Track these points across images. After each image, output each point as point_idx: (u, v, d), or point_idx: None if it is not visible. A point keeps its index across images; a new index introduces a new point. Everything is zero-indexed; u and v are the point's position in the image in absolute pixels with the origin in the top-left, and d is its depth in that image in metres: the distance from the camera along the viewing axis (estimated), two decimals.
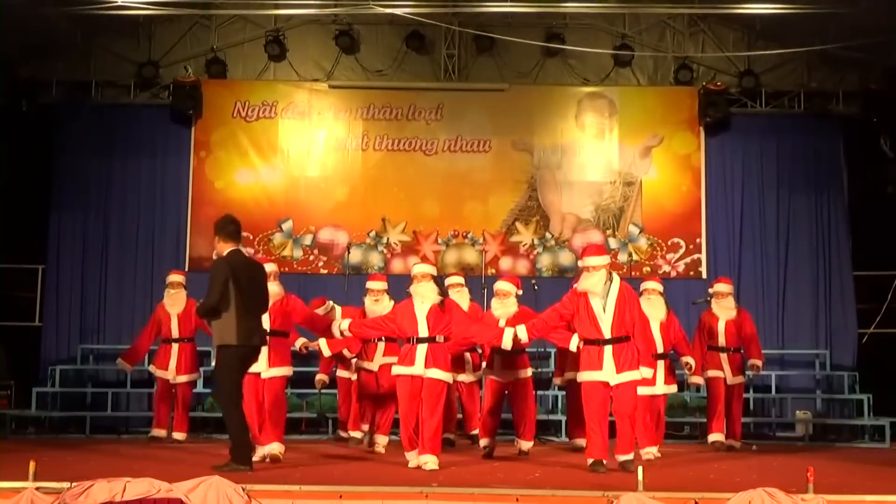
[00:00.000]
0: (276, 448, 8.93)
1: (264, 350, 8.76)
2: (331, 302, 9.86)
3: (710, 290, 11.20)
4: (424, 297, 8.72)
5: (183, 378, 11.39)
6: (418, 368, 8.61)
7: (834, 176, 14.30)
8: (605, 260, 8.67)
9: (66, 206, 14.19)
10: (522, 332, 8.70)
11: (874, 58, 12.92)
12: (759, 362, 11.03)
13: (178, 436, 11.27)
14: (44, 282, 14.08)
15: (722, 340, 10.91)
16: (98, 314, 13.92)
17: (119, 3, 12.18)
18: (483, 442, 9.70)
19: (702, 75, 14.06)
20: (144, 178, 14.30)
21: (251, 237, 14.11)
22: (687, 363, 10.42)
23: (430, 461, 8.46)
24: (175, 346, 11.40)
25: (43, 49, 13.38)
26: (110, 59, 14.08)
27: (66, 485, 6.79)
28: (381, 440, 10.00)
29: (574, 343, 8.58)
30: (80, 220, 14.18)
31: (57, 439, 11.98)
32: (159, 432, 11.34)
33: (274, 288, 9.12)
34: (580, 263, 8.99)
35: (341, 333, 9.13)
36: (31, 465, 6.90)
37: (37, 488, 6.81)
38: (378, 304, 10.00)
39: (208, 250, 13.86)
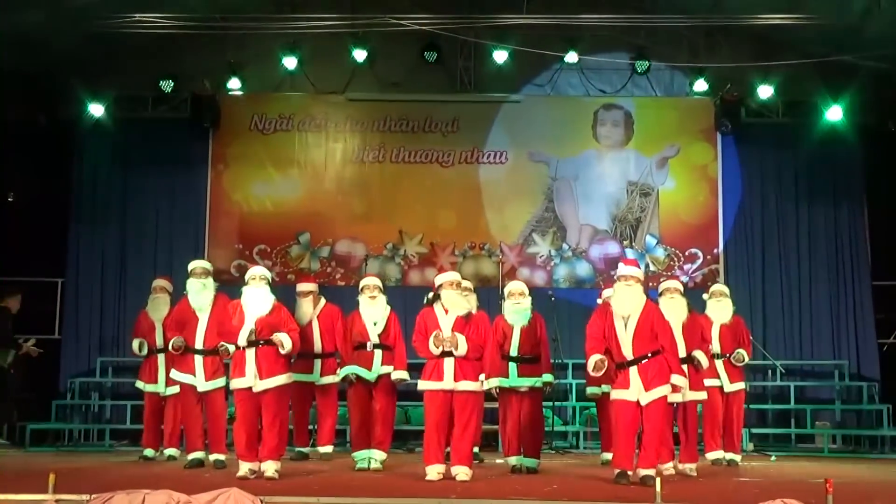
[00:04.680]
0: (270, 467, 8.47)
1: (251, 363, 8.59)
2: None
3: (705, 295, 10.50)
4: (450, 305, 8.68)
5: (172, 390, 10.30)
6: (448, 383, 8.51)
7: (852, 185, 14.28)
8: (640, 273, 8.61)
9: (85, 220, 14.29)
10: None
11: (891, 67, 12.88)
12: (745, 353, 10.29)
13: (172, 451, 10.46)
14: (63, 295, 14.18)
15: (716, 346, 10.15)
16: (117, 327, 13.98)
17: (137, 19, 12.27)
18: (514, 461, 9.47)
19: (718, 85, 14.03)
20: (163, 191, 14.38)
21: (268, 249, 14.19)
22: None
23: (461, 472, 8.42)
24: (161, 357, 10.57)
25: (62, 64, 13.46)
26: (129, 74, 14.14)
27: (85, 497, 6.82)
28: (379, 456, 9.63)
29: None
30: (99, 234, 14.28)
31: (76, 451, 12.04)
32: (150, 451, 10.53)
33: (259, 294, 8.76)
34: (618, 271, 8.65)
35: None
36: (51, 477, 6.93)
37: (56, 501, 6.84)
38: (375, 303, 9.74)
39: (226, 262, 13.99)
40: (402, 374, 9.62)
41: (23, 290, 12.99)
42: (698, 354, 9.24)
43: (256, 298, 8.73)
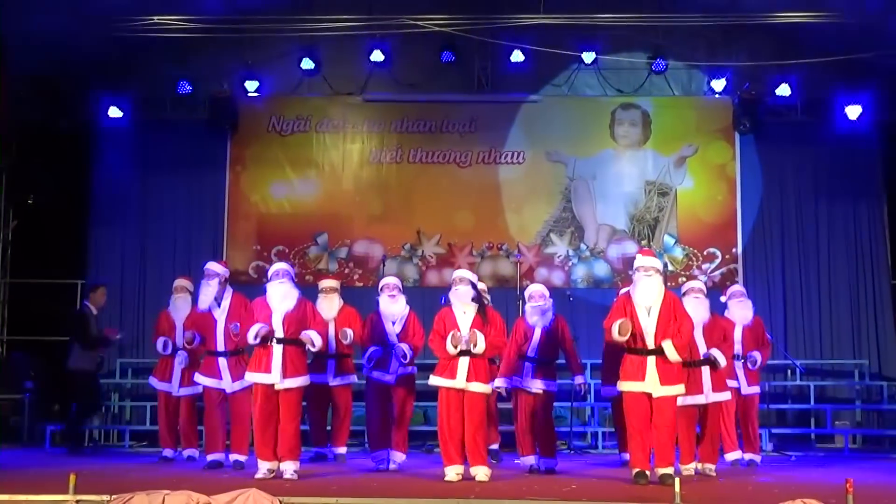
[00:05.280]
0: (289, 468, 8.57)
1: (277, 359, 8.65)
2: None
3: (723, 297, 10.50)
4: (466, 305, 8.70)
5: (186, 391, 10.50)
6: (460, 382, 8.54)
7: (872, 184, 14.20)
8: (659, 264, 8.66)
9: (104, 222, 14.35)
10: None
11: None
12: (758, 356, 10.17)
13: (191, 452, 10.50)
14: (83, 296, 14.21)
15: (738, 347, 10.07)
16: (136, 328, 14.04)
17: (155, 21, 12.32)
18: (528, 460, 9.51)
19: (736, 84, 13.98)
20: (181, 192, 14.43)
21: (287, 251, 14.22)
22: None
23: (480, 472, 8.45)
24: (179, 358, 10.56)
25: (81, 67, 13.53)
26: (147, 76, 14.20)
27: (105, 497, 6.87)
28: (399, 457, 9.67)
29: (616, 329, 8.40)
30: (118, 235, 14.34)
31: (96, 452, 12.09)
32: (169, 452, 10.60)
33: (284, 290, 8.89)
34: (636, 262, 8.68)
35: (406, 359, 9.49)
36: (72, 478, 6.98)
37: (77, 501, 6.89)
38: (395, 302, 9.76)
39: (245, 264, 14.04)
40: (405, 347, 9.58)
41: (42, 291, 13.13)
42: (715, 353, 9.21)
43: (281, 294, 8.79)
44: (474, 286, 8.84)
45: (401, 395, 9.70)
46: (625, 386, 8.45)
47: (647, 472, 8.28)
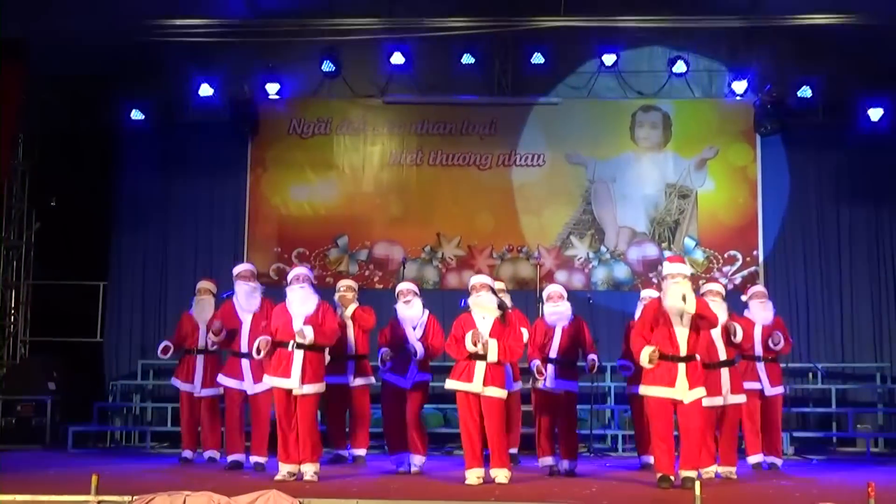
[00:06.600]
0: (309, 470, 8.57)
1: (297, 364, 8.61)
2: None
3: (744, 296, 10.48)
4: (485, 310, 8.70)
5: (208, 392, 10.54)
6: (476, 386, 8.55)
7: (894, 186, 14.09)
8: (687, 269, 8.63)
9: (126, 224, 14.42)
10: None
11: None
12: (781, 335, 10.09)
13: (212, 453, 10.52)
14: (105, 298, 14.31)
15: (758, 348, 10.05)
16: (158, 330, 14.06)
17: (177, 25, 12.38)
18: (547, 461, 9.51)
19: (758, 87, 13.93)
20: (202, 195, 14.48)
21: (307, 253, 14.25)
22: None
23: (500, 474, 8.47)
24: (200, 358, 10.67)
25: (102, 70, 13.61)
26: (168, 79, 14.26)
27: (127, 498, 6.91)
28: (418, 460, 9.57)
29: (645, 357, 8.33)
30: (140, 237, 14.40)
31: (118, 453, 12.16)
32: (189, 453, 10.58)
33: (304, 295, 8.82)
34: (664, 270, 8.64)
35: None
36: (94, 479, 7.02)
37: (99, 502, 6.93)
38: (411, 307, 9.63)
39: (266, 266, 14.06)
40: (417, 346, 9.48)
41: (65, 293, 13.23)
42: (734, 324, 9.19)
43: (301, 299, 8.79)
44: (493, 290, 8.86)
45: (416, 399, 9.67)
46: (652, 391, 8.39)
47: (672, 477, 8.26)
